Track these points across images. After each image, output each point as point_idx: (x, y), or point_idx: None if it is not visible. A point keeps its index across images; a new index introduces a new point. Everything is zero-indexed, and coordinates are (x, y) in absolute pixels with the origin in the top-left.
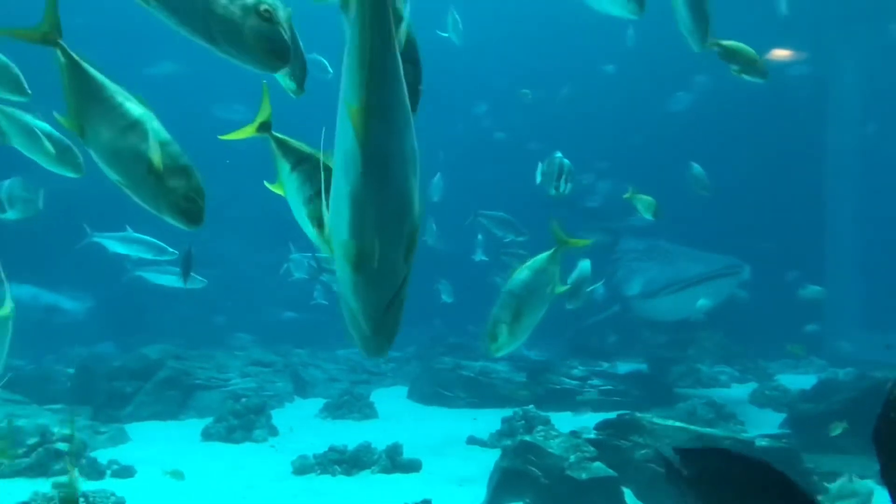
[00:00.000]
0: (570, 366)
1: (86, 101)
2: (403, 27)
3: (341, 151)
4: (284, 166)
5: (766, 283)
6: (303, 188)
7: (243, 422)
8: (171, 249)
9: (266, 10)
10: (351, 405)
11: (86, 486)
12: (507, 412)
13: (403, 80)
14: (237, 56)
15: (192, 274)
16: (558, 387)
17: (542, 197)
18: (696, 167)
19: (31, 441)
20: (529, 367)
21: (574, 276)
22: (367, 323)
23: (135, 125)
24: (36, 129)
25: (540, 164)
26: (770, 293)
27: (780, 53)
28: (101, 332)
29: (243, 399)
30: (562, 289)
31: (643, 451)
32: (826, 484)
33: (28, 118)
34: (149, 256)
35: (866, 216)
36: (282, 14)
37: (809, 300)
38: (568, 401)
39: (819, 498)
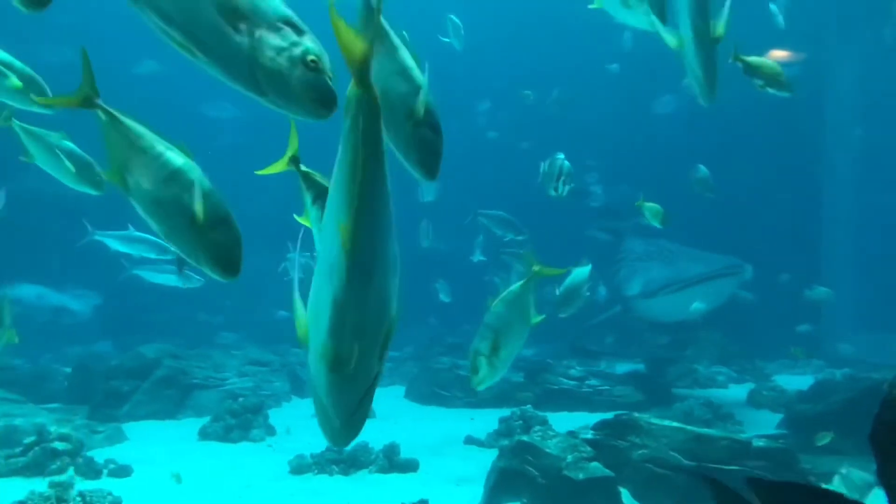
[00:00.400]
0: (568, 366)
1: (127, 153)
2: (422, 96)
3: (326, 257)
4: (308, 198)
5: (763, 283)
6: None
7: (240, 421)
8: (172, 248)
9: (312, 61)
10: None
11: (82, 485)
12: (505, 412)
13: (389, 191)
14: (284, 105)
15: (186, 271)
16: (556, 387)
17: (544, 197)
18: (702, 168)
19: (28, 440)
20: (527, 367)
21: (566, 283)
22: (338, 419)
23: (176, 175)
24: (58, 148)
25: (542, 164)
26: (767, 293)
27: (777, 54)
28: (99, 331)
29: (240, 398)
30: (538, 319)
31: (640, 452)
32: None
33: (51, 137)
34: (151, 255)
35: (863, 217)
36: (327, 63)
37: (816, 301)
38: (566, 401)
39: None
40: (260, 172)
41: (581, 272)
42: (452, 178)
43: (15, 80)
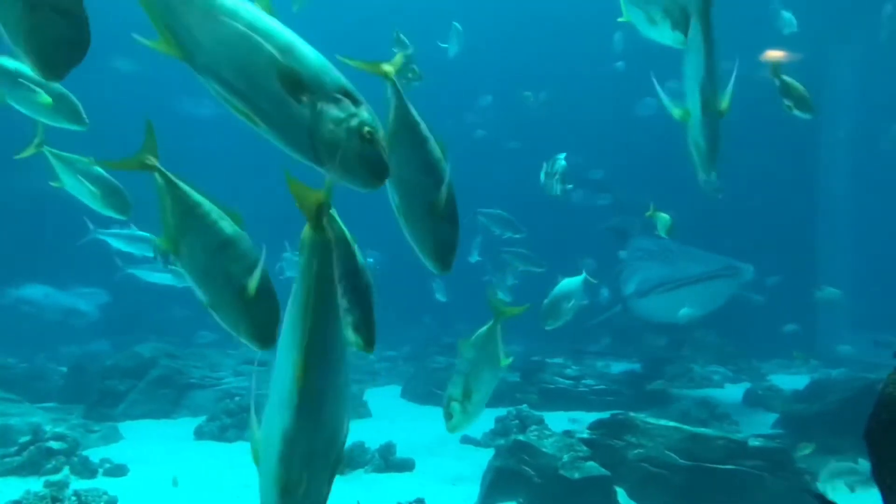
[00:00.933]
0: (564, 365)
1: (181, 220)
2: (444, 188)
3: (277, 389)
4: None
5: (760, 283)
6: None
7: (236, 420)
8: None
9: (368, 132)
10: None
11: (78, 484)
12: (501, 412)
13: (340, 328)
14: (338, 174)
15: (172, 267)
16: (552, 386)
17: (546, 197)
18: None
19: (23, 439)
20: (523, 366)
21: (552, 294)
22: None
23: (227, 245)
24: (87, 175)
25: (544, 164)
26: (763, 294)
27: (775, 55)
28: (95, 331)
29: (237, 398)
30: (507, 361)
31: (636, 451)
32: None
33: (80, 162)
34: (151, 255)
35: (860, 217)
36: (381, 134)
37: (827, 301)
38: (562, 400)
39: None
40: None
41: (569, 283)
42: (454, 177)
43: (45, 96)
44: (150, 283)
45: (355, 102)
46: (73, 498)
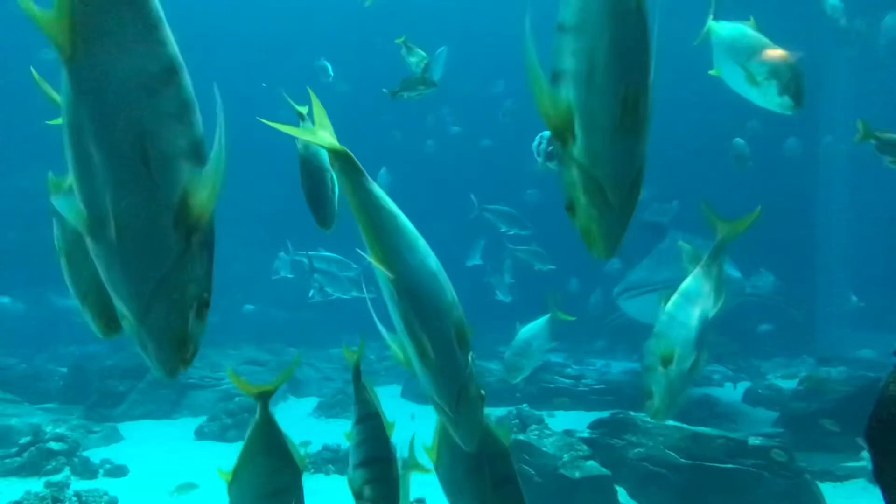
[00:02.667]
0: (564, 365)
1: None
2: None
3: None
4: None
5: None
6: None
7: (237, 421)
8: None
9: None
10: (345, 404)
11: (78, 485)
12: (502, 411)
13: None
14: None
15: None
16: (552, 385)
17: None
18: (739, 141)
19: (24, 440)
20: None
21: (516, 339)
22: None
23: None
24: None
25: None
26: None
27: (773, 54)
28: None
29: (237, 398)
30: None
31: (637, 450)
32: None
33: None
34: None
35: (859, 217)
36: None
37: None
38: (563, 400)
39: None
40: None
41: (530, 329)
42: (452, 177)
43: None
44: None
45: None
46: (74, 498)
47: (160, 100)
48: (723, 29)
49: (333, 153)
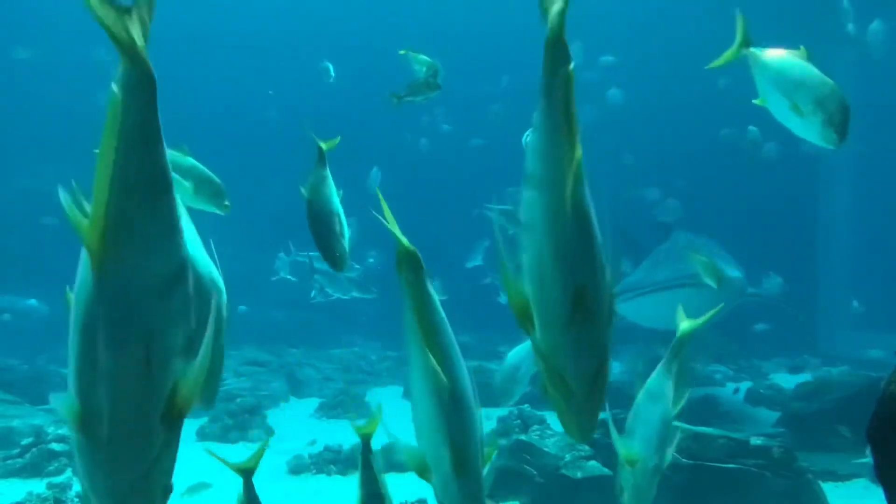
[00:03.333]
0: None
1: None
2: None
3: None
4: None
5: (759, 282)
6: None
7: (238, 421)
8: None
9: None
10: (346, 405)
11: (79, 486)
12: (503, 411)
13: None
14: None
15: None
16: None
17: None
18: (753, 129)
19: (26, 441)
20: None
21: (503, 367)
22: None
23: None
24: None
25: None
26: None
27: (774, 53)
28: None
29: (238, 399)
30: None
31: None
32: None
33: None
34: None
35: (860, 216)
36: None
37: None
38: None
39: None
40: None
41: (520, 350)
42: (449, 176)
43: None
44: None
45: None
46: (76, 500)
47: (170, 302)
48: (768, 57)
49: (404, 252)
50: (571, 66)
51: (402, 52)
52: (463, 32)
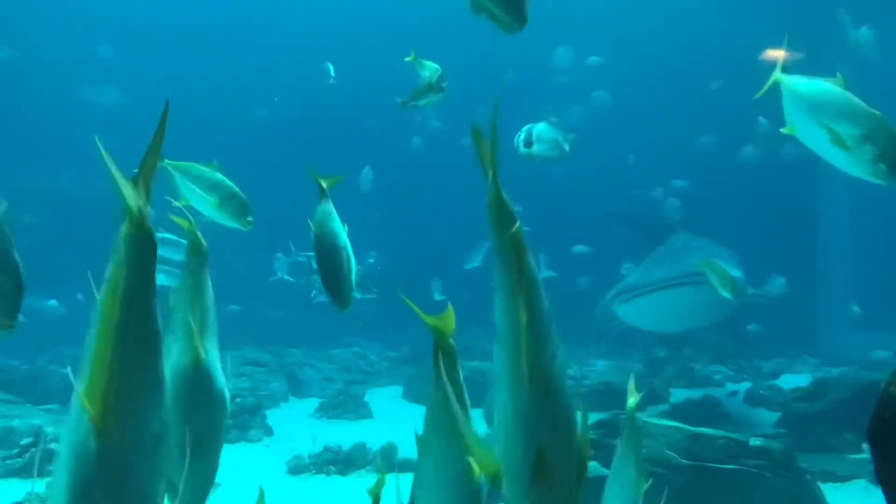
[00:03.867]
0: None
1: None
2: None
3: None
4: None
5: (759, 282)
6: None
7: (238, 422)
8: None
9: None
10: (346, 405)
11: None
12: None
13: None
14: None
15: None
16: None
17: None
18: (763, 120)
19: (25, 441)
20: None
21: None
22: None
23: None
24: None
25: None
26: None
27: (774, 54)
28: None
29: (238, 399)
30: None
31: None
32: None
33: (195, 168)
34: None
35: (860, 216)
36: None
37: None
38: None
39: None
40: None
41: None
42: (448, 175)
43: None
44: None
45: None
46: None
47: (155, 459)
48: (800, 85)
49: (439, 335)
50: (517, 225)
51: (408, 58)
52: (457, 32)
